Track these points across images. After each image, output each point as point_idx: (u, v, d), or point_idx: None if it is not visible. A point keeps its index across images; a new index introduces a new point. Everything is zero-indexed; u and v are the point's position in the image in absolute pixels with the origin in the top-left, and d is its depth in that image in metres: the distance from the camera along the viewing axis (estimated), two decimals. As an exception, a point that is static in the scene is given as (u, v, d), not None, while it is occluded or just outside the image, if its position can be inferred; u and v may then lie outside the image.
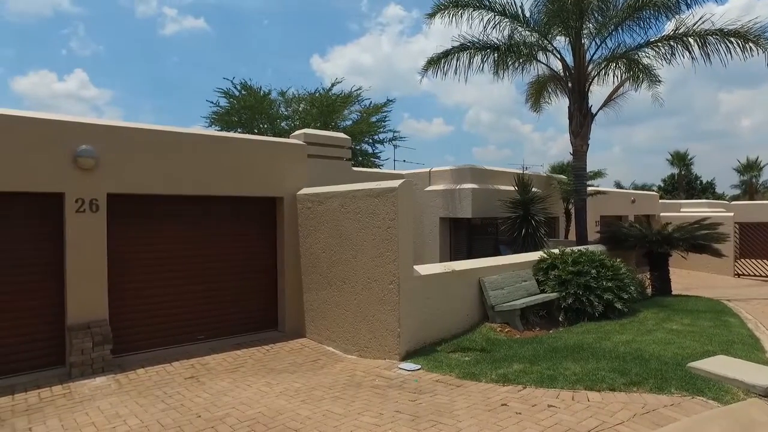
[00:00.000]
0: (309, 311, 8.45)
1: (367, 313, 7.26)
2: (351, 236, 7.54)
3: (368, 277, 7.23)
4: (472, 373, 6.07)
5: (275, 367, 6.96)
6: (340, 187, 7.89)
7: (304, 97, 23.53)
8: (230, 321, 8.34)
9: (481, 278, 8.37)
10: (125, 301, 7.28)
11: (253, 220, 8.72)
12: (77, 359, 6.48)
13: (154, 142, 7.43)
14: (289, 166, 8.85)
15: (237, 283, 8.44)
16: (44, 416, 5.32)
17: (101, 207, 6.93)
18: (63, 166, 6.64)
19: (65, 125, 6.77)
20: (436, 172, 14.04)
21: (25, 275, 6.60)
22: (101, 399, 5.76)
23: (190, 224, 7.98)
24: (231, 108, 22.79)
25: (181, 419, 5.05)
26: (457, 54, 12.96)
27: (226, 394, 5.80)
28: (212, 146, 8.04)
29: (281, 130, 21.73)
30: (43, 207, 6.72)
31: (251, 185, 8.39)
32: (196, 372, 6.74)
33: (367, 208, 7.25)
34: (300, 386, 6.01)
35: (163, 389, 6.06)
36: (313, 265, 8.35)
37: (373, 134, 24.33)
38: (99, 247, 6.91)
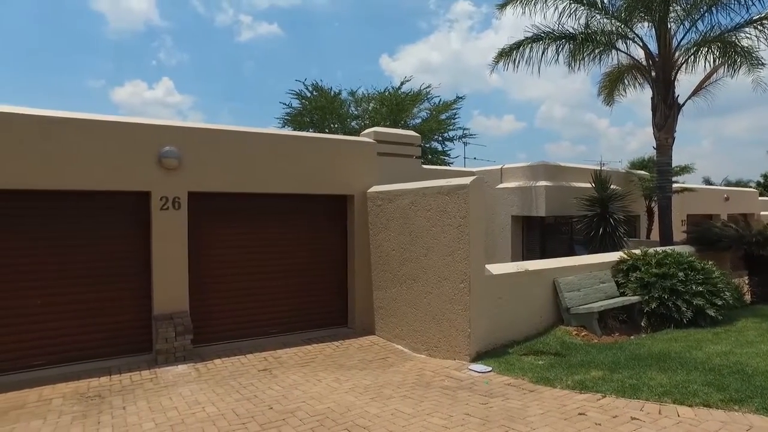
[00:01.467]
0: (378, 309, 8.47)
1: (437, 312, 7.16)
2: (421, 234, 7.46)
3: (439, 275, 7.12)
4: (546, 378, 5.79)
5: (345, 363, 7.03)
6: (411, 185, 7.83)
7: (373, 97, 23.72)
8: (301, 316, 8.53)
9: (555, 279, 7.99)
10: (204, 294, 7.65)
11: (325, 218, 8.87)
12: (162, 347, 6.90)
13: (230, 142, 7.74)
14: (359, 164, 8.92)
15: (308, 279, 8.62)
16: (135, 397, 5.70)
17: (183, 205, 7.32)
18: (149, 166, 7.09)
19: (151, 128, 7.23)
20: (508, 169, 13.63)
21: (119, 268, 7.12)
22: (183, 386, 6.09)
23: (263, 221, 8.25)
24: (303, 109, 23.42)
25: (254, 410, 5.21)
26: (529, 45, 12.46)
27: (296, 387, 5.93)
28: (285, 145, 8.27)
29: (351, 130, 22.03)
30: (134, 205, 7.20)
31: (323, 183, 8.54)
32: (269, 365, 6.95)
33: (438, 206, 7.13)
34: (369, 383, 6.01)
35: (238, 380, 6.29)
36: (383, 263, 8.35)
37: (443, 132, 24.08)
38: (181, 243, 7.31)
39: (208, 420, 4.96)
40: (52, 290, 6.69)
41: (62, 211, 6.82)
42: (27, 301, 6.56)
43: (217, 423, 4.87)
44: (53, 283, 6.71)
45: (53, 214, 6.77)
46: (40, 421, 5.11)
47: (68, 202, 6.83)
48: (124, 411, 5.30)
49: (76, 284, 6.84)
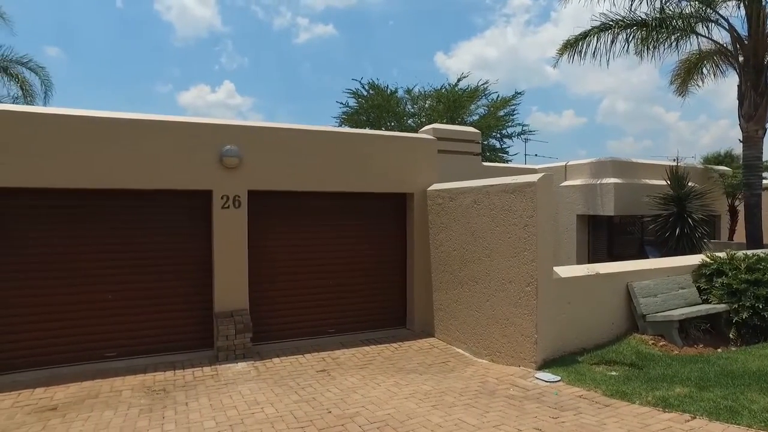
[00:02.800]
0: (438, 310, 8.21)
1: (500, 315, 6.81)
2: (484, 234, 7.13)
3: (503, 277, 6.77)
4: (623, 391, 5.32)
5: (404, 366, 6.82)
6: (473, 183, 7.51)
7: (430, 94, 23.42)
8: (359, 316, 8.41)
9: (629, 283, 7.42)
10: (263, 292, 7.68)
11: (384, 217, 8.70)
12: (223, 344, 6.98)
13: (289, 140, 7.73)
14: (418, 161, 8.68)
15: (367, 279, 8.48)
16: (197, 394, 5.76)
17: (243, 203, 7.37)
18: (211, 165, 7.18)
19: (212, 127, 7.32)
20: (572, 166, 12.95)
21: (183, 265, 7.27)
22: (242, 384, 6.10)
23: (322, 220, 8.19)
24: (359, 107, 23.48)
25: (312, 413, 5.11)
26: (596, 35, 11.74)
27: (355, 391, 5.78)
28: (343, 143, 8.16)
29: (408, 128, 21.83)
30: (196, 203, 7.33)
31: (381, 181, 8.37)
32: (327, 365, 6.86)
33: (503, 205, 6.78)
34: (429, 389, 5.77)
35: (297, 380, 6.23)
36: (443, 263, 8.08)
37: (501, 128, 23.42)
38: (241, 241, 7.37)
39: (267, 422, 4.90)
40: (121, 285, 6.93)
41: (131, 210, 7.05)
42: (100, 296, 6.82)
43: (276, 426, 4.80)
44: (123, 279, 6.94)
45: (123, 212, 7.00)
46: (112, 412, 5.25)
47: (136, 201, 7.04)
48: (186, 407, 5.35)
49: (144, 280, 7.04)
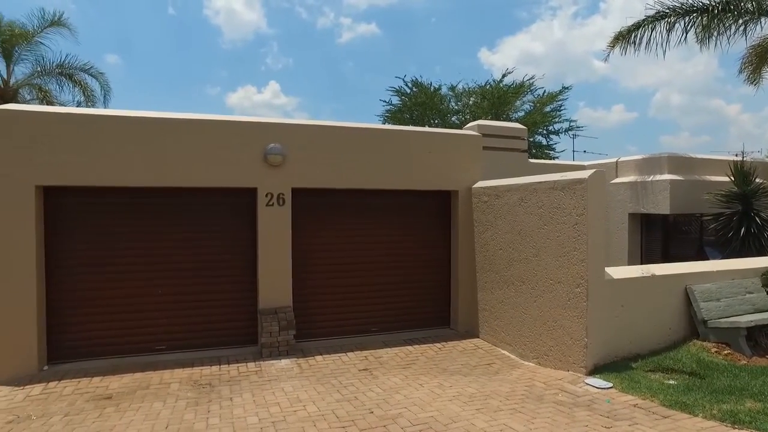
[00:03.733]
0: (483, 311, 8.01)
1: (548, 317, 6.55)
2: (531, 233, 6.88)
3: (551, 278, 6.51)
4: (683, 402, 4.98)
5: (447, 367, 6.68)
6: (519, 180, 7.26)
7: (474, 91, 23.03)
8: (402, 315, 8.32)
9: (688, 286, 6.99)
10: (306, 289, 7.71)
11: (428, 215, 8.56)
12: (266, 341, 7.05)
13: (333, 137, 7.72)
14: (463, 158, 8.49)
15: (410, 277, 8.38)
16: (241, 389, 5.84)
17: (287, 201, 7.42)
18: (256, 163, 7.26)
19: (257, 126, 7.40)
20: (624, 163, 12.35)
21: (229, 262, 7.41)
22: (285, 381, 6.13)
23: (366, 218, 8.14)
24: (403, 105, 23.37)
25: (354, 413, 5.06)
26: (651, 24, 11.12)
27: (398, 391, 5.69)
28: (387, 140, 8.08)
29: (452, 125, 21.55)
30: (241, 201, 7.44)
31: (425, 179, 8.24)
32: (369, 364, 6.81)
33: (551, 203, 6.51)
34: (474, 392, 5.61)
35: (339, 378, 6.21)
36: (488, 263, 7.87)
37: (548, 125, 22.73)
38: (285, 239, 7.42)
39: (309, 420, 4.89)
40: (171, 281, 7.13)
41: (180, 207, 7.23)
42: (151, 290, 7.04)
43: (318, 424, 4.77)
44: (172, 275, 7.13)
45: (172, 209, 7.19)
46: (161, 404, 5.40)
47: (184, 198, 7.21)
48: (230, 402, 5.42)
49: (192, 276, 7.22)
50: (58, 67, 17.60)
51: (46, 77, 17.80)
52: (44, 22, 17.11)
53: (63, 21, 17.47)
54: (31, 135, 6.37)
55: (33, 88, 17.94)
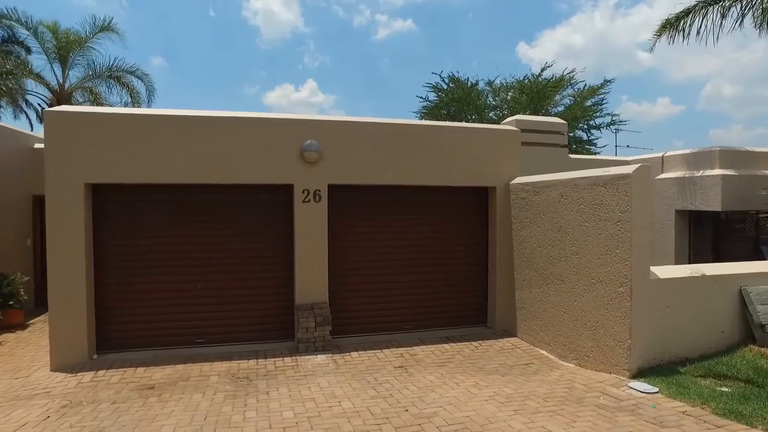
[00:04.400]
0: (521, 309, 7.83)
1: (589, 317, 6.34)
2: (571, 230, 6.67)
3: (592, 277, 6.29)
4: (738, 412, 4.71)
5: (484, 366, 6.57)
6: (559, 176, 7.05)
7: (512, 86, 22.57)
8: (438, 313, 8.24)
9: (743, 287, 6.62)
10: (342, 286, 7.74)
11: (464, 211, 8.44)
12: (303, 336, 7.12)
13: (368, 133, 7.70)
14: (501, 154, 8.31)
15: (446, 275, 8.29)
16: (277, 383, 5.92)
17: (323, 197, 7.46)
18: (293, 160, 7.33)
19: (294, 122, 7.46)
20: (671, 157, 11.83)
21: (267, 257, 7.51)
22: (321, 376, 6.17)
23: (402, 214, 8.10)
24: (440, 101, 23.15)
25: (389, 410, 5.03)
26: (703, 10, 10.56)
27: (433, 390, 5.63)
28: (423, 136, 8.00)
29: (489, 121, 21.22)
30: (279, 198, 7.52)
31: (462, 174, 8.12)
32: (405, 362, 6.77)
33: (592, 199, 6.29)
34: (511, 392, 5.49)
35: (374, 375, 6.20)
36: (527, 260, 7.69)
37: (588, 119, 22.02)
38: (321, 235, 7.47)
39: (344, 416, 4.89)
40: (211, 276, 7.29)
41: (219, 204, 7.37)
42: (192, 285, 7.22)
43: (353, 421, 4.78)
44: (211, 270, 7.29)
45: (212, 206, 7.35)
46: (200, 395, 5.53)
47: (223, 195, 7.35)
48: (267, 396, 5.49)
49: (230, 271, 7.36)
50: (108, 70, 18.38)
51: (97, 80, 18.63)
52: (95, 28, 17.94)
53: (112, 26, 18.25)
54: (80, 134, 6.64)
55: (85, 91, 18.79)
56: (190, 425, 4.73)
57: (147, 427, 4.71)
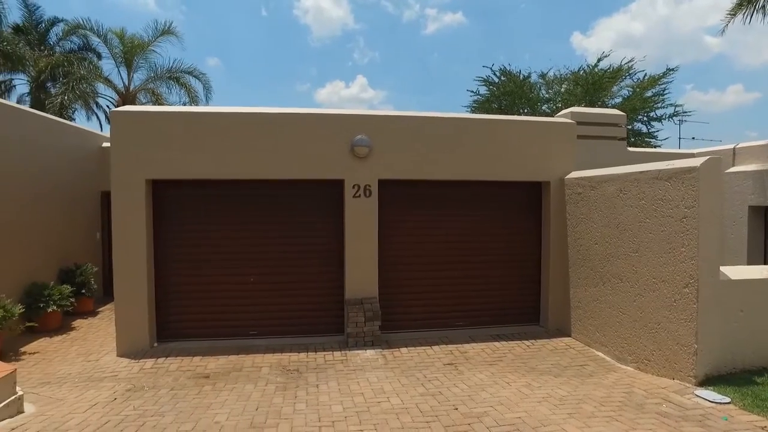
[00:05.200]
0: (576, 308, 7.55)
1: (650, 319, 6.01)
2: (631, 227, 6.34)
3: (654, 276, 5.95)
4: (822, 425, 4.32)
5: (536, 366, 6.37)
6: (618, 170, 6.72)
7: (566, 77, 21.80)
8: (489, 310, 8.08)
9: (826, 290, 6.05)
10: (392, 281, 7.72)
11: (517, 206, 8.22)
12: (352, 330, 7.16)
13: (419, 128, 7.62)
14: (556, 147, 8.02)
15: (498, 272, 8.11)
16: (327, 377, 5.98)
17: (373, 192, 7.46)
18: (343, 155, 7.37)
19: (344, 117, 7.50)
20: (744, 149, 11.00)
21: (318, 252, 7.61)
22: (370, 371, 6.18)
23: (453, 209, 7.97)
24: (491, 95, 22.71)
25: (438, 408, 4.97)
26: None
27: (484, 389, 5.52)
28: (474, 130, 7.83)
29: (542, 114, 20.59)
30: (329, 193, 7.59)
31: (515, 169, 7.90)
32: (455, 359, 6.68)
33: (654, 194, 5.95)
34: (565, 394, 5.29)
35: (423, 372, 6.15)
36: (582, 258, 7.39)
37: (649, 110, 20.92)
38: (371, 230, 7.48)
39: (392, 412, 4.88)
40: (263, 270, 7.48)
41: (271, 198, 7.54)
42: (245, 279, 7.43)
43: (401, 417, 4.75)
44: (264, 263, 7.48)
45: (264, 201, 7.52)
46: (252, 386, 5.68)
47: (276, 190, 7.50)
48: (317, 389, 5.56)
49: (282, 265, 7.52)
50: (168, 72, 19.27)
51: (158, 81, 19.57)
52: (156, 32, 18.87)
53: (172, 29, 19.12)
54: (140, 132, 6.96)
55: (147, 92, 19.79)
56: (242, 414, 4.86)
57: (202, 414, 4.88)
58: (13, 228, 8.03)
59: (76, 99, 17.80)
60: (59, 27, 19.61)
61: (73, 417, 4.83)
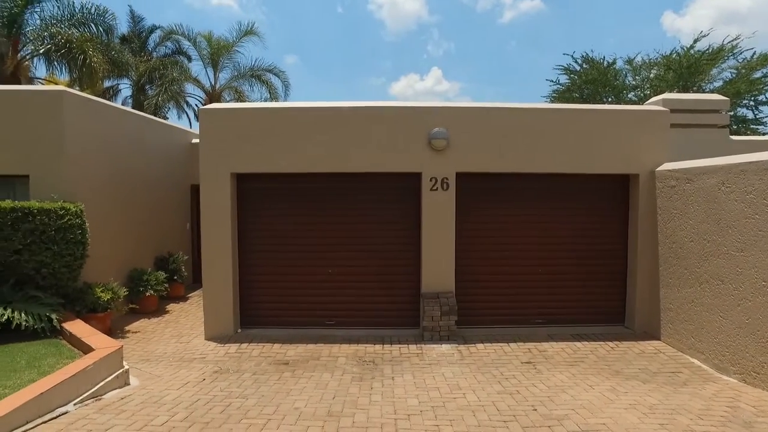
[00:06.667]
0: (667, 310, 7.02)
1: (758, 326, 5.44)
2: (735, 223, 5.77)
3: (763, 278, 5.39)
4: None
5: (621, 370, 6.01)
6: (719, 161, 6.13)
7: (656, 62, 20.21)
8: (569, 308, 7.73)
9: None
10: (469, 276, 7.59)
11: (602, 200, 7.76)
12: (428, 324, 7.13)
13: (497, 119, 7.41)
14: (645, 137, 7.47)
15: (579, 268, 7.72)
16: (402, 369, 6.01)
17: (451, 185, 7.36)
18: (420, 148, 7.33)
19: (422, 110, 7.44)
20: None
21: (395, 245, 7.65)
22: (445, 366, 6.13)
23: (532, 203, 7.69)
24: (572, 84, 21.65)
25: (516, 408, 4.83)
26: None
27: (564, 390, 5.29)
28: (555, 120, 7.48)
29: (628, 103, 19.32)
30: (406, 186, 7.58)
31: (600, 161, 7.46)
32: (533, 357, 6.46)
33: (765, 187, 5.37)
34: (656, 403, 4.94)
35: (500, 369, 6.00)
36: (675, 256, 6.85)
37: (757, 94, 18.91)
38: (448, 224, 7.38)
39: (468, 409, 4.80)
40: (341, 261, 7.63)
41: (352, 192, 7.64)
42: (323, 270, 7.63)
43: (477, 415, 4.66)
44: (342, 255, 7.63)
45: (347, 194, 7.65)
46: (329, 375, 5.83)
47: (356, 183, 7.60)
48: (392, 381, 5.60)
49: (359, 257, 7.63)
50: (250, 70, 20.25)
51: (241, 80, 20.59)
52: (240, 33, 19.89)
53: (254, 30, 20.06)
54: (225, 128, 7.32)
55: (231, 90, 20.87)
56: (320, 402, 4.99)
57: (283, 399, 5.08)
58: (121, 219, 8.82)
59: (169, 99, 19.20)
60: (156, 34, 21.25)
61: (169, 393, 5.21)
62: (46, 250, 6.67)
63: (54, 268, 6.79)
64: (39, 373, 5.02)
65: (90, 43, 13.87)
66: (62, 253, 6.84)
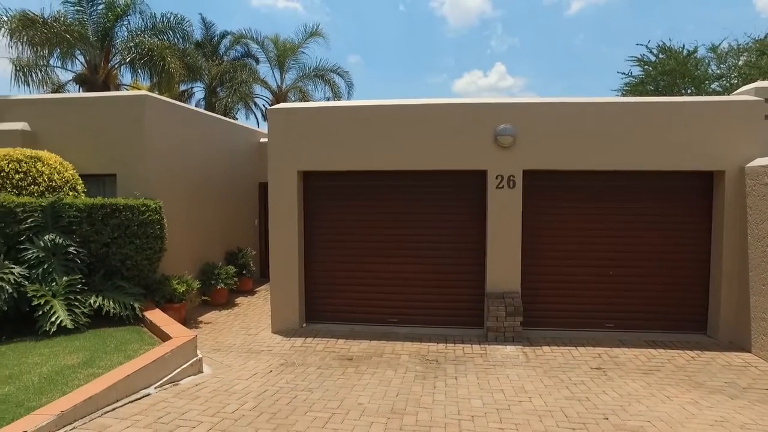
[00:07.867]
0: (759, 320, 6.46)
1: None
2: (838, 225, 5.22)
3: None
4: None
5: (704, 382, 5.60)
6: (821, 155, 5.57)
7: (746, 47, 18.61)
8: (643, 313, 7.31)
9: None
10: (535, 276, 7.37)
11: (681, 199, 7.26)
12: (492, 325, 6.99)
13: (566, 115, 7.13)
14: (735, 130, 6.90)
15: (655, 271, 7.28)
16: (465, 370, 5.93)
17: (517, 183, 7.17)
18: (486, 145, 7.18)
19: (487, 107, 7.29)
20: None
21: (459, 243, 7.57)
22: (510, 368, 5.98)
23: (603, 202, 7.34)
24: (646, 76, 20.40)
25: (585, 415, 4.62)
26: None
27: (638, 400, 5.00)
28: (630, 114, 7.08)
29: (710, 93, 17.95)
30: (471, 184, 7.46)
31: (679, 157, 6.99)
32: (603, 363, 6.16)
33: None
34: (747, 421, 4.55)
35: (568, 374, 5.78)
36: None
37: None
38: (514, 222, 7.20)
39: (534, 414, 4.65)
40: (406, 260, 7.64)
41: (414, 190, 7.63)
42: (386, 267, 7.67)
43: (544, 420, 4.50)
44: (408, 254, 7.63)
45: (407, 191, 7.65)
46: (392, 372, 5.85)
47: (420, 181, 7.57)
48: (455, 381, 5.53)
49: (424, 255, 7.61)
50: (314, 71, 20.73)
51: (306, 80, 21.11)
52: (305, 34, 20.43)
53: (319, 31, 20.53)
54: (292, 127, 7.53)
55: (296, 91, 21.45)
56: (383, 399, 5.02)
57: (347, 394, 5.15)
58: (195, 215, 9.32)
59: (239, 100, 20.07)
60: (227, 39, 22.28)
61: (239, 382, 5.44)
62: (130, 243, 7.15)
63: (136, 261, 7.27)
64: (125, 356, 5.41)
65: (168, 50, 14.75)
66: (144, 246, 7.31)
